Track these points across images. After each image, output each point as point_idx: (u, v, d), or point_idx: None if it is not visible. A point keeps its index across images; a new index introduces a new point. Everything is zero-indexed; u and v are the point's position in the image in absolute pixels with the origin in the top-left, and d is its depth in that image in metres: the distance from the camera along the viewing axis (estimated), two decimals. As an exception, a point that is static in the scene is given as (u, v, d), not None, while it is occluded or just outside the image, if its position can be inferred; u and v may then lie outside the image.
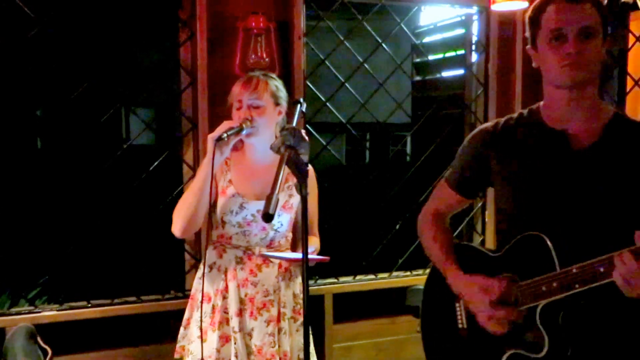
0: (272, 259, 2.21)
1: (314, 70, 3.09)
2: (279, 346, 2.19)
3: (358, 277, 3.24)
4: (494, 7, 3.03)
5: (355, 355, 3.28)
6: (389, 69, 3.31)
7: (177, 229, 2.14)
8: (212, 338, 2.17)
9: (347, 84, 3.15)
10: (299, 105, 1.94)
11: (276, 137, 2.24)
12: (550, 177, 1.62)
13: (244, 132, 2.11)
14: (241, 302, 2.19)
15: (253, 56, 2.85)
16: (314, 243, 2.33)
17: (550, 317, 1.57)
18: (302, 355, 2.27)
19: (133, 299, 2.86)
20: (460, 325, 1.81)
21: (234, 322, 2.16)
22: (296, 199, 2.25)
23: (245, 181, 2.22)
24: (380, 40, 3.18)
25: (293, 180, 2.25)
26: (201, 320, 2.15)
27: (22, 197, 3.38)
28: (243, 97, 2.17)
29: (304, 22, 2.96)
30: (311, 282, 3.13)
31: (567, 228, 1.57)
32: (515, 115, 1.77)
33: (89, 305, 2.76)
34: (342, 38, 3.09)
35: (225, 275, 2.20)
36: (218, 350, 2.15)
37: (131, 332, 2.87)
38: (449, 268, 1.79)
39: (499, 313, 1.63)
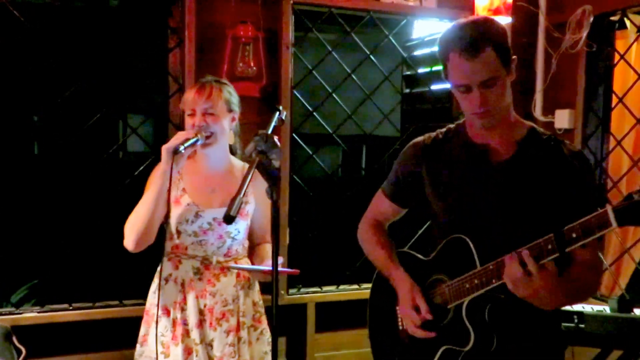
0: (232, 269, 2.18)
1: (302, 80, 3.13)
2: (239, 356, 2.16)
3: (342, 287, 3.25)
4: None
5: (339, 365, 3.29)
6: (382, 84, 3.35)
7: (130, 242, 2.07)
8: (176, 352, 2.11)
9: (336, 95, 3.19)
10: (277, 113, 1.96)
11: (230, 145, 2.26)
12: (473, 186, 1.75)
13: (199, 142, 2.06)
14: (200, 313, 2.13)
15: (241, 64, 2.89)
16: (267, 251, 2.30)
17: (475, 312, 1.68)
18: None
19: (115, 302, 2.87)
20: (400, 327, 1.90)
21: (195, 333, 2.12)
22: (251, 206, 2.23)
23: (200, 189, 2.17)
24: (368, 52, 3.21)
25: (249, 187, 2.24)
26: (157, 336, 2.08)
27: (16, 201, 3.38)
28: (197, 105, 2.12)
29: (292, 32, 2.99)
30: (294, 290, 3.14)
31: (488, 231, 1.69)
32: (444, 130, 1.89)
33: (70, 307, 2.77)
34: (330, 49, 3.12)
35: (183, 287, 2.14)
36: None
37: (113, 336, 2.87)
38: (393, 271, 1.89)
39: (420, 332, 1.79)
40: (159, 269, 2.19)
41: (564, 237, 1.48)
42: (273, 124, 1.85)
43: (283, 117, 2.03)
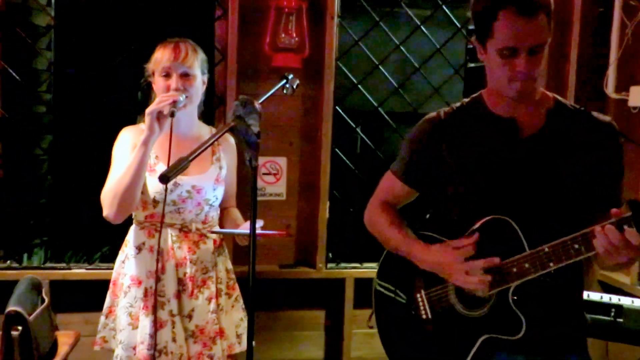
0: (208, 235, 2.15)
1: (347, 51, 3.07)
2: (219, 323, 2.14)
3: (383, 264, 3.18)
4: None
5: (378, 342, 3.17)
6: (443, 58, 3.22)
7: (112, 213, 1.99)
8: (145, 323, 2.04)
9: (381, 68, 3.10)
10: (284, 81, 1.94)
11: (199, 108, 2.22)
12: (503, 163, 1.64)
13: (181, 104, 1.99)
14: (180, 282, 2.09)
15: (283, 35, 2.87)
16: (237, 214, 2.29)
17: (523, 298, 1.59)
18: (239, 332, 2.23)
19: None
20: (424, 317, 1.77)
21: (172, 304, 2.06)
22: (224, 171, 2.20)
23: (173, 157, 1.91)
24: (419, 23, 3.08)
25: (220, 152, 2.21)
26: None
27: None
28: (173, 66, 2.05)
29: (338, 2, 2.93)
30: (332, 265, 3.12)
31: (525, 211, 1.59)
32: (457, 104, 1.77)
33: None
34: (377, 19, 3.03)
35: (161, 256, 2.06)
36: (151, 336, 2.01)
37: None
38: (415, 246, 1.74)
39: (477, 263, 1.60)
40: (127, 238, 2.18)
41: None
42: (273, 90, 1.84)
43: (294, 86, 2.00)
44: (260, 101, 1.64)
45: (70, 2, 2.99)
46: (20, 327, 1.86)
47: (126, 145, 2.11)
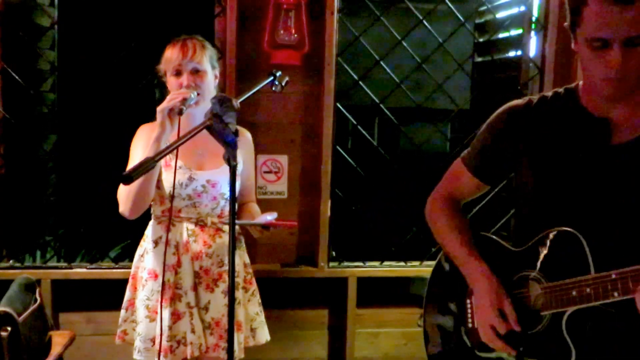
0: (223, 229, 2.16)
1: (347, 47, 3.02)
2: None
3: (386, 263, 3.14)
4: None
5: (383, 342, 3.20)
6: (453, 52, 3.15)
7: (127, 209, 2.03)
8: (164, 316, 2.07)
9: (382, 64, 3.05)
10: (271, 78, 1.91)
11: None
12: (586, 169, 1.45)
13: (193, 102, 1.99)
14: (196, 275, 2.12)
15: (282, 32, 2.83)
16: (255, 208, 2.28)
17: (578, 326, 1.40)
18: (254, 325, 2.24)
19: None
20: (470, 325, 1.65)
21: (190, 296, 2.10)
22: (240, 165, 2.18)
23: (189, 152, 2.10)
24: (421, 17, 3.02)
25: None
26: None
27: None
28: (183, 64, 2.07)
29: (338, -3, 2.89)
30: (335, 263, 3.09)
31: (600, 228, 1.41)
32: (550, 93, 1.57)
33: (117, 266, 2.93)
34: (378, 14, 2.98)
35: (177, 249, 2.11)
36: (170, 328, 2.07)
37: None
38: (472, 263, 1.60)
39: (501, 345, 1.51)
40: (146, 232, 2.21)
41: None
42: (258, 87, 1.81)
43: (283, 83, 1.97)
44: (241, 99, 1.62)
45: (72, 1, 2.99)
46: (9, 328, 1.86)
47: (141, 143, 2.14)
